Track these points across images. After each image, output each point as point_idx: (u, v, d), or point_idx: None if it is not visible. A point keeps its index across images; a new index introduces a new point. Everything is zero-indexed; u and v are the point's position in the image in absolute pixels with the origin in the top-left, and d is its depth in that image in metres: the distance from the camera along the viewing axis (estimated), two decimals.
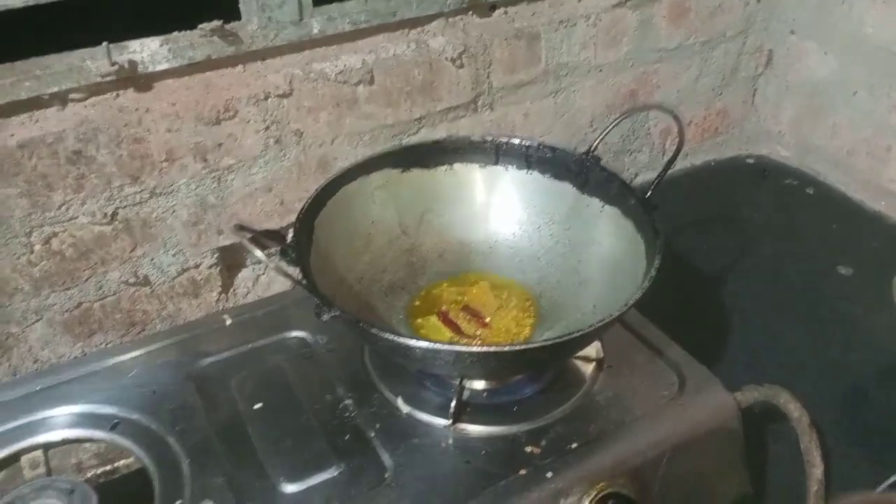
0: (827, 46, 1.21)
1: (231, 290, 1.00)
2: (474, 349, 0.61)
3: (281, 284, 1.03)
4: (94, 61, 0.79)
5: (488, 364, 0.62)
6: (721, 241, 1.17)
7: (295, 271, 0.67)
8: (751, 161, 1.37)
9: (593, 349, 0.78)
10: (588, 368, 0.77)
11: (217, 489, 0.66)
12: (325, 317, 0.62)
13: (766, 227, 1.21)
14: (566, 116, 1.14)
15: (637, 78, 1.18)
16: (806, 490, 0.76)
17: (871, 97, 1.17)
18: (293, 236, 0.71)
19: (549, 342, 0.60)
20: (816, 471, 0.77)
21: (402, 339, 0.60)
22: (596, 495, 0.67)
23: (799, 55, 1.26)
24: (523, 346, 0.60)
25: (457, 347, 0.60)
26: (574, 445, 0.70)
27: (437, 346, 0.60)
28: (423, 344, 0.60)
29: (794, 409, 0.78)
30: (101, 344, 0.92)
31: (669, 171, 0.79)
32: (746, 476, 0.77)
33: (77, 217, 0.84)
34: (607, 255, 0.78)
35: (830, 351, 0.98)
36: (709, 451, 0.74)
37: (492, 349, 0.60)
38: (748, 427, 0.77)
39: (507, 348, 0.60)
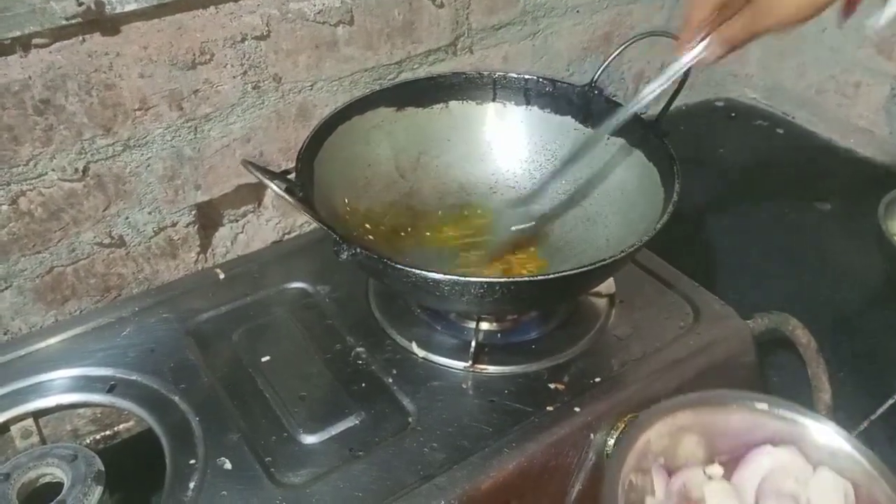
0: None
1: (210, 249, 0.95)
2: (509, 279, 0.58)
3: (260, 243, 0.99)
4: (59, 2, 0.72)
5: (518, 294, 0.60)
6: (699, 182, 1.17)
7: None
8: (720, 104, 1.38)
9: (604, 285, 0.76)
10: (601, 304, 0.76)
11: (232, 446, 0.62)
12: (345, 255, 0.58)
13: (741, 168, 1.22)
14: (544, 59, 1.11)
15: (612, 19, 1.16)
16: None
17: (840, 33, 1.18)
18: (296, 176, 0.67)
19: (585, 268, 0.58)
20: (825, 396, 0.78)
21: (431, 274, 0.57)
22: (624, 427, 0.65)
23: None
24: (556, 275, 0.58)
25: (488, 279, 0.57)
26: (598, 380, 0.69)
27: (468, 278, 0.57)
28: (453, 277, 0.57)
29: (801, 336, 0.78)
30: (75, 311, 0.86)
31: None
32: None
33: (46, 173, 0.77)
34: (616, 187, 0.76)
35: (818, 282, 1.00)
36: (727, 377, 0.73)
37: (525, 279, 0.58)
38: None
39: (539, 277, 0.58)
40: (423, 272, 0.58)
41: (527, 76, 0.81)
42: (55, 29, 0.74)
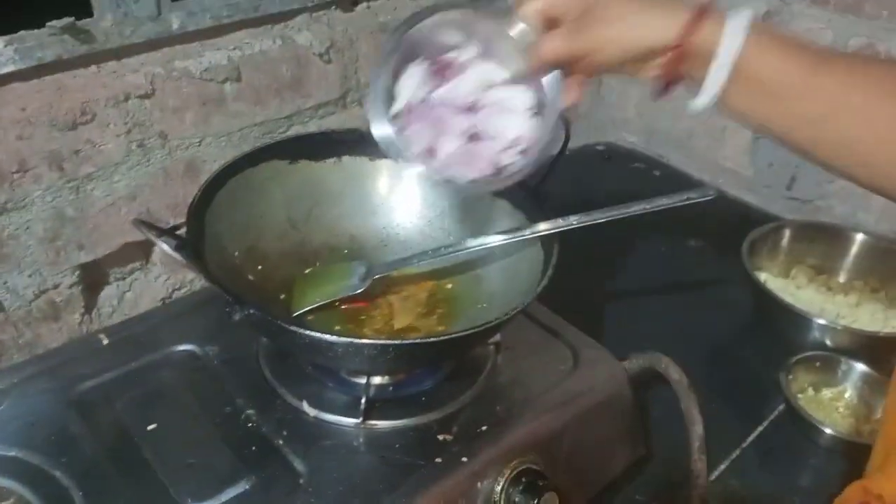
0: None
1: (95, 310, 0.93)
2: (401, 342, 0.60)
3: (149, 301, 0.97)
4: None
5: (410, 355, 0.62)
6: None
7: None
8: (600, 148, 1.45)
9: None
10: (487, 352, 0.79)
11: None
12: (237, 316, 0.59)
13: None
14: None
15: None
16: (689, 446, 0.81)
17: None
18: (187, 232, 0.67)
19: (470, 331, 0.61)
20: (697, 428, 0.83)
21: (326, 336, 0.58)
22: (510, 474, 0.68)
23: None
24: (445, 337, 0.60)
25: (382, 341, 0.59)
26: (484, 428, 0.71)
27: (362, 340, 0.59)
28: (347, 339, 0.59)
29: (673, 373, 0.83)
30: None
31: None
32: (641, 438, 0.82)
33: None
34: (500, 246, 0.78)
35: (693, 316, 1.06)
36: (605, 417, 0.78)
37: (417, 341, 0.60)
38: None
39: (430, 339, 0.60)
40: (318, 334, 0.59)
41: None
42: None
